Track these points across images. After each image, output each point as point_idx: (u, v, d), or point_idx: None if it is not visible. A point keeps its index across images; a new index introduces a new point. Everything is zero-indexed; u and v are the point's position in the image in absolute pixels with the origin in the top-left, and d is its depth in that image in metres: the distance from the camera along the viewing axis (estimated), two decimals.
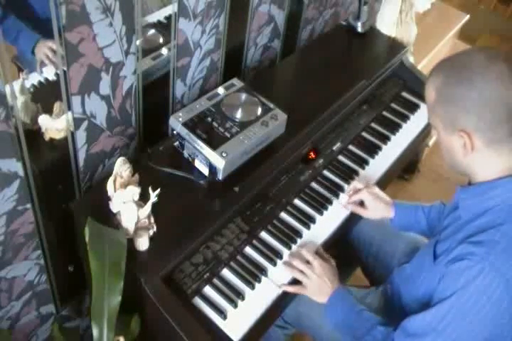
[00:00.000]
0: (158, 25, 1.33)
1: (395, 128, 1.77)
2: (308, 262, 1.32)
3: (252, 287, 1.28)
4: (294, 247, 1.38)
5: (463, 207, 1.15)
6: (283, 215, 1.44)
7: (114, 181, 1.19)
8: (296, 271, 1.31)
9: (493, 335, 1.06)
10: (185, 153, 1.37)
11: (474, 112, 1.03)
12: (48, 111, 1.15)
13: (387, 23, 2.04)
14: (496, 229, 1.04)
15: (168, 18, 1.31)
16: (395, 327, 1.17)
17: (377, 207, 1.47)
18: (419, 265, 1.26)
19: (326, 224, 1.45)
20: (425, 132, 1.81)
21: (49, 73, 1.10)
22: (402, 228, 1.50)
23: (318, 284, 1.30)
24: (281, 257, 1.35)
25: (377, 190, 1.49)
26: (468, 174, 1.14)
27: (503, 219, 1.05)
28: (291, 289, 1.30)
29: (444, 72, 1.07)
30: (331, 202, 1.50)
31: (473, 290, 1.02)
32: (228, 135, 1.33)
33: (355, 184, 1.51)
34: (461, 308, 1.03)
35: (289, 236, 1.39)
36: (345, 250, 1.60)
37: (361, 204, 1.49)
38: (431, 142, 2.56)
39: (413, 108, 1.85)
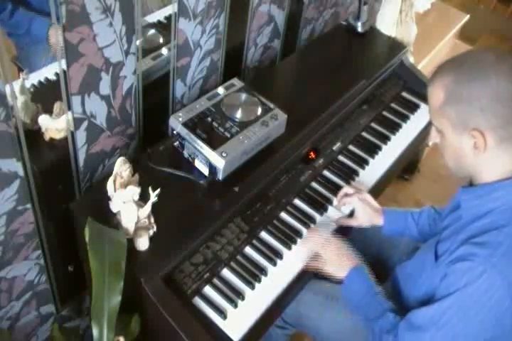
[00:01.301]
0: (158, 25, 1.33)
1: (395, 128, 1.77)
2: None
3: (252, 287, 1.28)
4: (294, 247, 1.38)
5: (465, 207, 1.15)
6: (283, 215, 1.44)
7: (114, 181, 1.19)
8: (314, 244, 1.33)
9: (494, 337, 1.06)
10: (185, 153, 1.36)
11: (488, 109, 1.02)
12: (48, 111, 1.15)
13: (387, 23, 2.04)
14: (498, 231, 1.04)
15: (168, 18, 1.31)
16: (402, 316, 1.18)
17: (367, 214, 1.46)
18: (420, 264, 1.26)
19: None
20: (425, 132, 1.80)
21: (49, 73, 1.10)
22: (392, 234, 1.49)
23: (337, 258, 1.31)
24: (281, 257, 1.35)
25: (367, 196, 1.48)
26: (472, 176, 1.14)
27: (506, 220, 1.05)
28: (311, 264, 1.32)
29: (452, 71, 1.06)
30: (331, 202, 1.50)
31: (474, 290, 1.02)
32: (228, 135, 1.33)
33: (346, 189, 1.49)
34: (462, 306, 1.04)
35: (289, 236, 1.39)
36: None
37: (349, 216, 1.48)
38: (431, 142, 2.55)
39: (413, 108, 1.85)
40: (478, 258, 1.02)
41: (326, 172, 1.57)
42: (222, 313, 1.21)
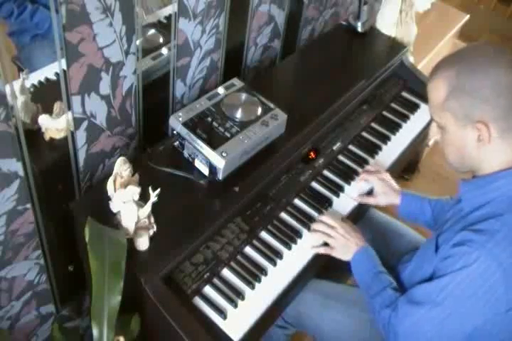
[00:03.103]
0: (158, 25, 1.33)
1: (395, 128, 1.77)
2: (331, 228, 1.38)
3: (252, 287, 1.28)
4: (294, 247, 1.38)
5: (465, 199, 1.17)
6: (283, 215, 1.44)
7: (114, 181, 1.19)
8: (321, 234, 1.37)
9: (487, 322, 1.08)
10: (185, 153, 1.36)
11: (490, 100, 1.05)
12: (48, 111, 1.15)
13: (387, 23, 2.03)
14: (496, 219, 1.06)
15: (168, 18, 1.31)
16: (402, 293, 1.21)
17: (386, 193, 1.52)
18: (421, 259, 1.28)
19: None
20: (425, 132, 1.81)
21: (49, 73, 1.10)
22: (407, 216, 1.54)
23: (344, 243, 1.35)
24: (281, 257, 1.35)
25: (387, 176, 1.54)
26: (472, 169, 1.16)
27: (504, 209, 1.08)
28: (321, 250, 1.37)
29: (454, 65, 1.09)
30: (331, 202, 1.50)
31: (469, 274, 1.05)
32: (228, 135, 1.33)
33: (368, 167, 1.57)
34: (458, 286, 1.06)
35: (289, 236, 1.39)
36: None
37: (369, 194, 1.54)
38: (431, 142, 2.55)
39: (413, 108, 1.85)
40: (475, 244, 1.05)
41: (326, 172, 1.57)
42: (222, 313, 1.21)
